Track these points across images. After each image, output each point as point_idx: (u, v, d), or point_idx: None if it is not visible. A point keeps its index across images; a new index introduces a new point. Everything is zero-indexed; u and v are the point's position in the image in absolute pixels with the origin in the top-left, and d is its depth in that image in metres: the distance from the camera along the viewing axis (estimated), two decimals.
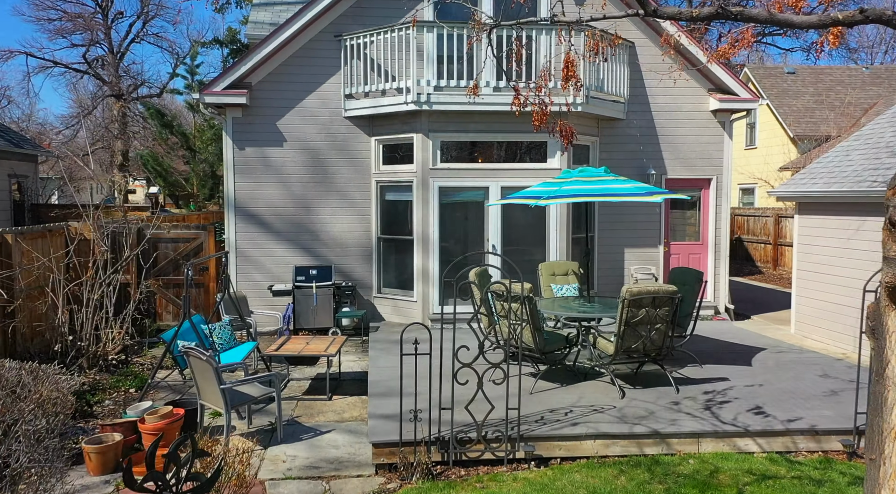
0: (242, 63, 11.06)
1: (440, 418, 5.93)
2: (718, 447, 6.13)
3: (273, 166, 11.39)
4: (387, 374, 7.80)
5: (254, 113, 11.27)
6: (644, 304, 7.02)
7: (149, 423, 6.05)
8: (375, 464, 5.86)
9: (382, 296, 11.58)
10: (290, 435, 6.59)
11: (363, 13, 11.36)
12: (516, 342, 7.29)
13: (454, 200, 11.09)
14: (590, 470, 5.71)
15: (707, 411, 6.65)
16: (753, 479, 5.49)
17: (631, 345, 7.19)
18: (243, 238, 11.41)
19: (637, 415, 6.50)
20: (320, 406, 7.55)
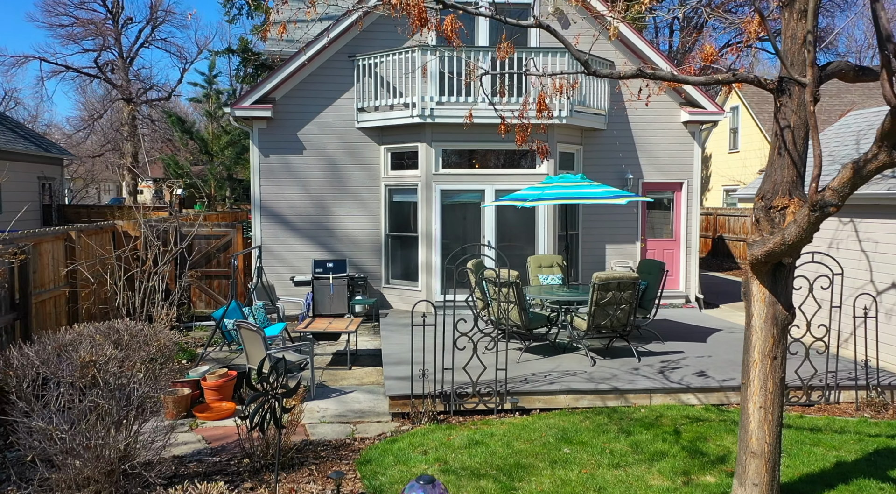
0: (267, 81, 12.55)
1: (443, 378, 7.42)
2: (666, 400, 7.63)
3: (294, 172, 12.88)
4: (397, 349, 9.29)
5: (277, 124, 12.76)
6: (611, 288, 8.51)
7: (210, 381, 7.55)
8: (391, 413, 7.35)
9: (391, 286, 13.08)
10: (321, 394, 8.08)
11: (373, 36, 12.85)
12: (506, 320, 8.80)
13: (454, 201, 12.57)
14: (562, 417, 7.20)
15: (660, 374, 8.15)
16: (689, 421, 6.99)
17: (600, 322, 8.69)
18: (268, 235, 12.90)
19: (603, 377, 8.00)
20: (343, 374, 9.05)
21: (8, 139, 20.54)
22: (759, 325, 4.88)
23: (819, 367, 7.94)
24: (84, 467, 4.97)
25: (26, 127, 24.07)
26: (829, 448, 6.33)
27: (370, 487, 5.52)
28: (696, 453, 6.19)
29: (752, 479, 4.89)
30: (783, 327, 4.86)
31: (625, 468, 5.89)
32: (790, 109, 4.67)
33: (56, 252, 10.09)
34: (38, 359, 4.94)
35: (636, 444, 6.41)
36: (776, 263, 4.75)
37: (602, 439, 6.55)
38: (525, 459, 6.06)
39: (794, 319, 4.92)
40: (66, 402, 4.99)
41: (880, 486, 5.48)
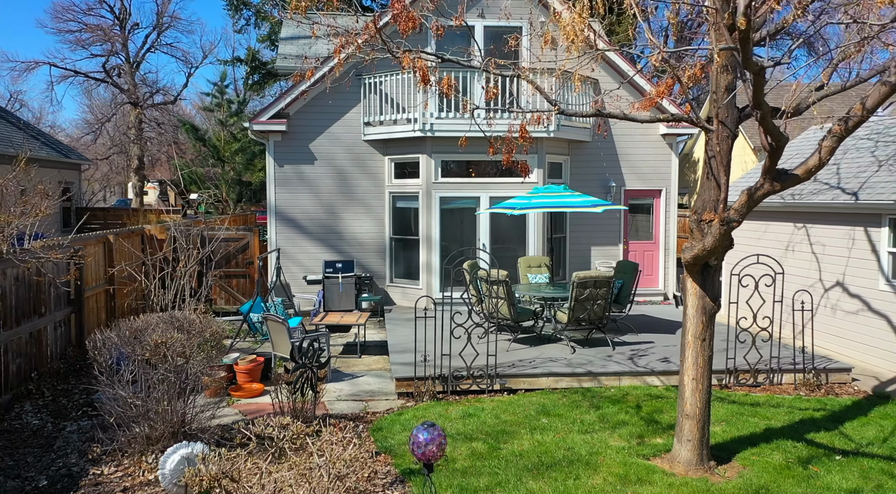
0: (282, 99, 13.81)
1: (442, 363, 8.67)
2: (633, 382, 8.89)
3: (306, 180, 14.14)
4: (401, 339, 10.53)
5: (291, 137, 14.01)
6: (588, 285, 9.77)
7: (242, 365, 8.81)
8: (398, 392, 8.61)
9: (394, 285, 14.34)
10: (336, 378, 9.34)
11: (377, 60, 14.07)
12: (497, 314, 10.06)
13: (452, 207, 13.82)
14: (543, 395, 8.46)
15: (630, 360, 9.41)
16: (650, 398, 8.25)
17: (580, 315, 9.95)
18: (282, 238, 14.15)
19: (580, 363, 9.27)
20: (353, 362, 10.31)
21: (33, 146, 21.79)
22: (692, 313, 6.14)
23: (765, 354, 9.19)
24: (153, 428, 6.23)
25: (47, 134, 25.32)
26: (763, 418, 7.60)
27: (382, 447, 6.78)
28: (651, 422, 7.45)
29: (686, 436, 6.16)
30: (711, 315, 6.12)
31: (591, 433, 7.15)
32: (714, 143, 5.94)
33: (97, 254, 11.35)
34: (119, 340, 6.19)
35: (603, 416, 7.67)
36: (704, 264, 6.01)
37: (575, 412, 7.82)
38: (510, 427, 7.32)
39: (720, 309, 6.19)
40: (141, 375, 6.24)
41: (794, 444, 6.76)
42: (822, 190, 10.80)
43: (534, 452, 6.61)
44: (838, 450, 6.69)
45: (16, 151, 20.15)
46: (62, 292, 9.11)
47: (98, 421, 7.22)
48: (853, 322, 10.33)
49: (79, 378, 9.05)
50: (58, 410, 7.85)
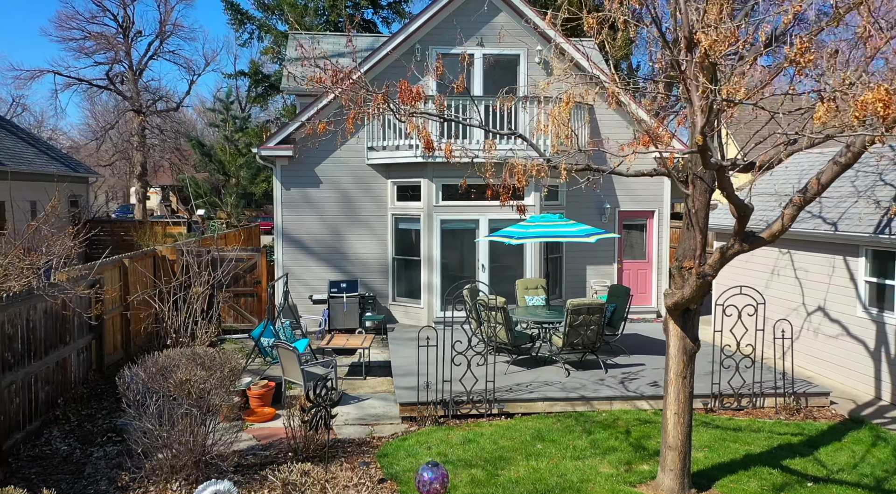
0: (289, 125, 14.34)
1: (443, 388, 9.20)
2: (624, 406, 9.42)
3: (312, 202, 14.67)
4: (404, 362, 11.05)
5: (298, 162, 14.54)
6: (582, 312, 10.31)
7: (255, 390, 9.34)
8: (401, 417, 9.14)
9: (397, 303, 14.87)
10: (343, 401, 9.85)
11: (383, 82, 14.57)
12: (495, 338, 10.59)
13: (452, 228, 14.35)
14: (538, 420, 9.00)
15: (621, 384, 9.95)
16: (639, 423, 8.79)
17: (574, 340, 10.48)
18: (289, 258, 14.69)
19: (574, 387, 9.80)
20: (359, 384, 10.85)
21: (43, 161, 22.32)
22: (674, 353, 6.68)
23: (749, 378, 9.72)
24: (177, 457, 6.76)
25: (56, 148, 25.84)
26: (744, 443, 8.14)
27: (388, 474, 7.31)
28: (639, 448, 7.98)
29: (669, 466, 6.70)
30: (691, 355, 6.66)
31: (583, 459, 7.69)
32: (694, 196, 6.47)
33: (113, 278, 11.88)
34: (146, 377, 6.72)
35: (595, 442, 8.20)
36: (685, 308, 6.54)
37: (568, 437, 8.35)
38: (507, 453, 7.86)
39: (700, 348, 6.72)
40: (166, 409, 6.77)
41: (770, 471, 7.29)
42: (804, 218, 11.32)
43: (529, 479, 7.15)
44: (811, 477, 7.23)
45: (29, 169, 20.72)
46: (84, 319, 9.64)
47: (123, 447, 7.75)
48: (834, 346, 10.87)
49: (100, 402, 9.58)
50: (84, 435, 8.38)
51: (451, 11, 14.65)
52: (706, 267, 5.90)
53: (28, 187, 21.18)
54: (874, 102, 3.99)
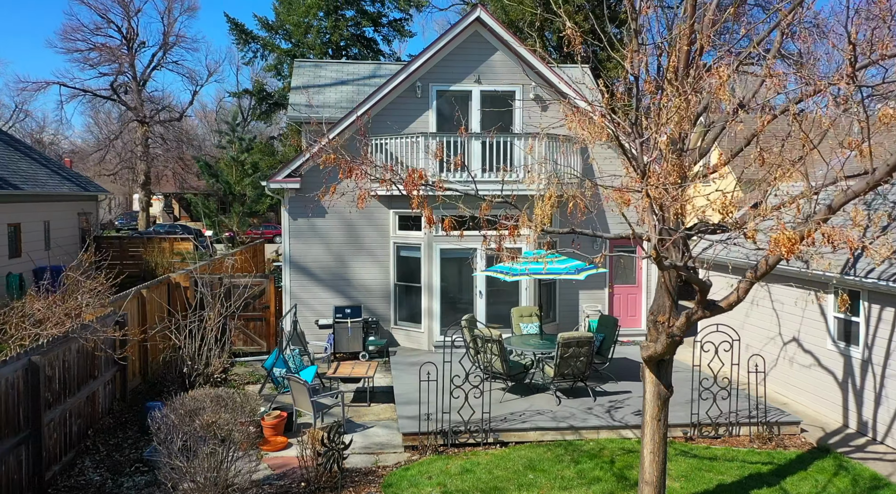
0: (296, 159, 15.10)
1: (442, 418, 9.96)
2: (610, 435, 10.19)
3: (318, 231, 15.43)
4: (407, 389, 11.82)
5: (304, 193, 15.29)
6: (571, 345, 11.08)
7: (268, 421, 10.11)
8: (404, 445, 9.90)
9: (398, 327, 15.64)
10: (349, 428, 10.63)
11: (385, 118, 15.40)
12: (491, 368, 11.36)
13: (451, 257, 15.11)
14: (531, 449, 9.77)
15: (607, 413, 10.72)
16: (623, 452, 9.56)
17: (564, 371, 11.25)
18: (296, 285, 15.45)
19: (563, 416, 10.57)
20: (364, 411, 11.61)
21: (55, 182, 23.08)
22: (650, 398, 7.44)
23: (726, 408, 10.49)
24: (202, 490, 7.53)
25: (67, 168, 26.58)
26: (718, 473, 8.91)
27: None
28: (622, 479, 8.76)
29: None
30: (665, 399, 7.42)
31: (570, 490, 8.46)
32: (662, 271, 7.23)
33: (133, 309, 12.64)
34: (176, 419, 7.49)
35: (581, 471, 8.98)
36: (658, 360, 7.31)
37: (557, 467, 9.12)
38: (501, 483, 8.62)
39: (673, 393, 7.49)
40: (192, 447, 7.53)
41: None
42: None
43: None
44: None
45: (44, 191, 21.47)
46: (109, 354, 10.39)
47: (151, 477, 8.53)
48: (807, 375, 11.65)
49: (125, 431, 10.35)
50: (113, 466, 9.14)
51: (451, 51, 15.42)
52: (674, 328, 6.68)
53: (42, 208, 21.94)
54: (784, 242, 5.00)
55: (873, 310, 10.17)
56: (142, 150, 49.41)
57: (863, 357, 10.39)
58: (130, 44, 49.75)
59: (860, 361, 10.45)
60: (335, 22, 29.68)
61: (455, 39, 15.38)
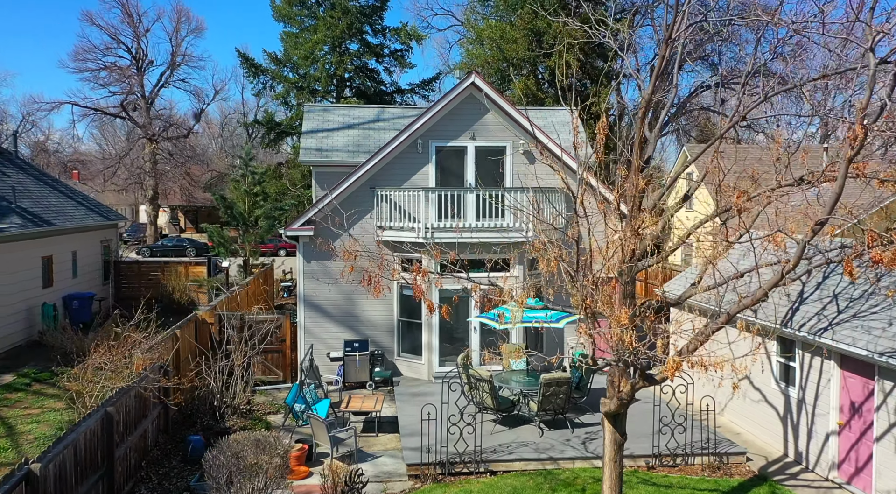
0: (310, 209, 16.89)
1: (440, 449, 11.74)
2: (584, 465, 11.97)
3: (329, 273, 17.20)
4: (409, 421, 13.57)
5: (317, 238, 17.06)
6: (552, 384, 12.87)
7: (293, 453, 11.88)
8: (408, 474, 11.69)
9: (401, 359, 17.43)
10: (361, 458, 12.41)
11: (389, 173, 17.19)
12: (483, 403, 13.15)
13: (449, 295, 16.85)
14: (515, 478, 11.55)
15: (582, 444, 12.51)
16: (594, 480, 11.35)
17: (546, 407, 13.04)
18: (309, 321, 17.23)
19: (545, 447, 12.36)
20: (373, 440, 13.39)
21: (81, 214, 24.85)
22: (608, 443, 9.23)
23: (681, 440, 12.27)
24: None
25: (90, 198, 28.34)
26: None
27: None
28: None
29: None
30: (620, 445, 9.21)
31: None
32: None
33: (168, 347, 14.40)
34: (224, 460, 9.26)
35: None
36: (614, 415, 9.10)
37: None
38: None
39: (626, 440, 9.27)
40: (236, 482, 9.30)
41: None
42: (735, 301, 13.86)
43: None
44: None
45: (72, 224, 23.23)
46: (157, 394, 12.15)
47: None
48: (757, 409, 13.45)
49: (170, 462, 12.11)
50: (164, 493, 10.91)
51: (448, 111, 17.20)
52: (623, 394, 8.46)
53: (69, 239, 23.70)
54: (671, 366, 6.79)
55: (805, 357, 11.97)
56: (150, 166, 51.19)
57: (798, 397, 12.19)
58: (139, 63, 51.55)
59: (796, 400, 12.25)
60: (340, 56, 31.46)
61: (452, 101, 17.16)
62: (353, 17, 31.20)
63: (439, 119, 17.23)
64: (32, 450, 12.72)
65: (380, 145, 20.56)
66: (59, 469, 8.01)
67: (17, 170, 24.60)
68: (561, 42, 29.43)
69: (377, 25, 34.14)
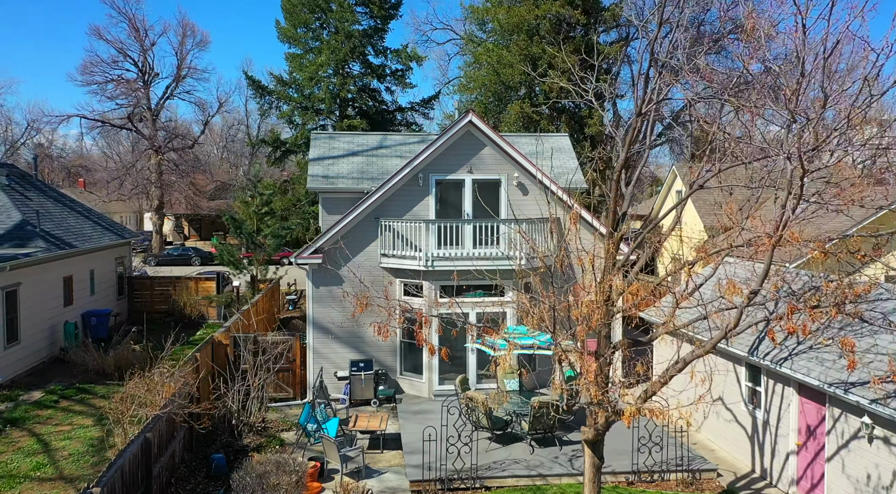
0: (319, 238, 18.17)
1: (440, 466, 13.01)
2: (570, 481, 13.25)
3: (336, 297, 18.47)
4: (411, 438, 14.82)
5: (325, 265, 18.34)
6: (542, 407, 14.15)
7: (307, 470, 13.15)
8: (411, 490, 12.96)
9: (404, 377, 18.71)
10: (368, 474, 13.68)
11: (393, 203, 18.46)
12: (478, 423, 14.43)
13: (449, 319, 18.13)
14: (507, 493, 12.83)
15: (569, 461, 13.79)
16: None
17: (536, 427, 14.32)
18: (318, 342, 18.51)
19: (534, 464, 13.64)
20: (378, 457, 14.67)
21: (98, 234, 26.12)
22: (587, 467, 10.51)
23: (660, 458, 13.55)
24: None
25: (105, 217, 29.61)
26: None
27: None
28: None
29: None
30: (597, 468, 10.48)
31: None
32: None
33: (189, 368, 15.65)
34: (251, 481, 10.53)
35: None
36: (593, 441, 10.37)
37: None
38: None
39: (604, 463, 10.54)
40: None
41: None
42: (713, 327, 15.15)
43: None
44: None
45: (91, 245, 24.49)
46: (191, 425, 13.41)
47: None
48: (729, 428, 14.73)
49: (195, 477, 13.37)
50: None
51: (447, 147, 18.48)
52: (598, 425, 9.75)
53: (88, 259, 24.97)
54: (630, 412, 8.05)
55: (770, 383, 13.26)
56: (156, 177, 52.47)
57: (763, 418, 13.48)
58: (146, 76, 52.81)
59: (762, 421, 13.54)
60: (343, 78, 32.75)
61: (451, 138, 18.44)
62: (355, 40, 32.48)
63: (439, 154, 18.50)
64: (69, 466, 14.03)
65: (383, 172, 21.92)
66: (111, 491, 9.27)
67: (38, 192, 25.86)
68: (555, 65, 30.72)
69: (378, 46, 35.42)
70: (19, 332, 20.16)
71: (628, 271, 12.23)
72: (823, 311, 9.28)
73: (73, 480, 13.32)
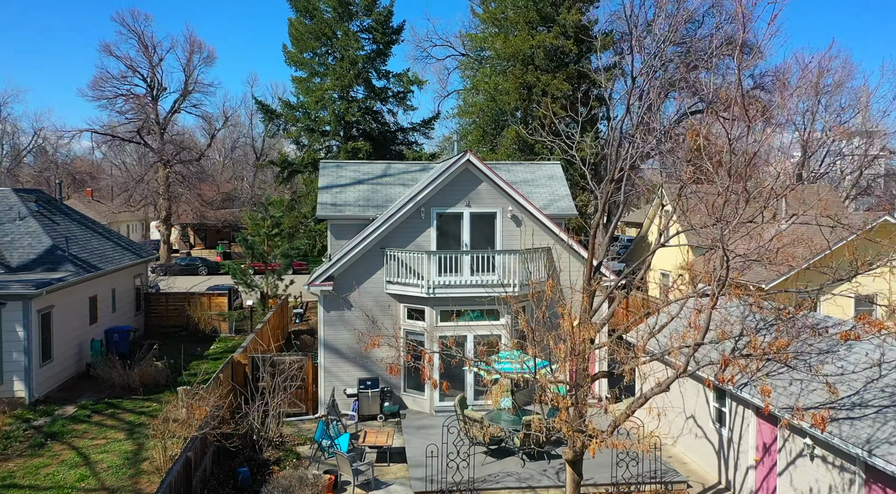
0: (330, 267, 19.86)
1: (440, 479, 14.69)
2: (556, 492, 14.93)
3: (345, 320, 20.16)
4: (415, 452, 16.51)
5: (336, 291, 20.02)
6: (532, 425, 15.83)
7: (325, 484, 14.83)
8: None
9: (407, 394, 20.40)
10: (377, 486, 15.36)
11: (397, 234, 20.14)
12: (475, 439, 16.13)
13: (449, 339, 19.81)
14: None
15: (556, 474, 15.48)
16: None
17: (528, 442, 16.02)
18: (329, 362, 20.20)
19: (525, 477, 15.33)
20: (385, 470, 16.36)
21: (118, 255, 27.80)
22: (569, 482, 12.20)
23: (634, 471, 15.23)
24: None
25: (124, 237, 31.27)
26: None
27: None
28: None
29: None
30: (577, 483, 12.17)
31: None
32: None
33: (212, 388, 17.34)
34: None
35: None
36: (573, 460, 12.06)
37: None
38: None
39: (583, 478, 12.23)
40: None
41: None
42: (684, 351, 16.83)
43: None
44: None
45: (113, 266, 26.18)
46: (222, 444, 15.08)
47: None
48: (700, 443, 16.43)
49: (224, 489, 15.05)
50: None
51: (447, 184, 20.17)
52: (577, 447, 11.44)
53: (110, 279, 26.64)
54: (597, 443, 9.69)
55: (732, 405, 14.96)
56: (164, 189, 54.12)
57: (728, 436, 15.18)
58: (154, 91, 54.47)
59: (727, 438, 15.24)
60: (347, 103, 34.43)
61: (450, 175, 20.13)
62: (359, 67, 34.20)
63: (440, 190, 20.18)
64: (109, 477, 15.70)
65: (387, 199, 23.63)
66: None
67: (64, 216, 27.53)
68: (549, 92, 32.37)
69: (381, 69, 37.11)
70: (52, 350, 21.84)
71: (614, 297, 13.89)
72: (749, 361, 11.05)
73: (114, 491, 14.98)
